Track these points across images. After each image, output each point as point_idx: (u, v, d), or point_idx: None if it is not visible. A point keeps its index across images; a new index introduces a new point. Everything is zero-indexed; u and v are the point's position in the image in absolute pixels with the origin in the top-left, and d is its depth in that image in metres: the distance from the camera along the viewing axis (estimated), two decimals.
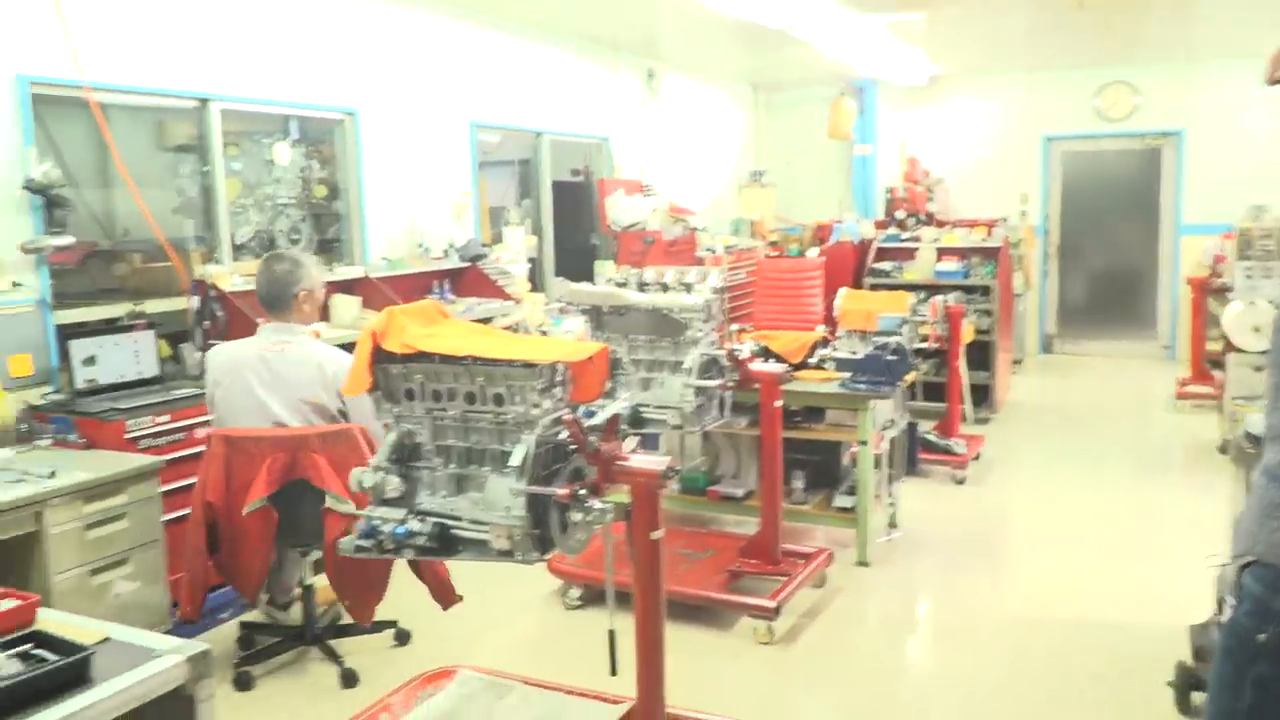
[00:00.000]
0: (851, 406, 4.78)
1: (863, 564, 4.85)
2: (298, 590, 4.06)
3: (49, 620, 1.79)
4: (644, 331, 4.30)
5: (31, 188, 4.10)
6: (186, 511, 4.06)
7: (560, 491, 2.61)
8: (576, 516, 2.68)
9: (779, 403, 4.36)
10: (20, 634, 1.67)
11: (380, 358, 2.86)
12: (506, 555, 2.73)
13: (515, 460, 2.68)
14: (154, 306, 4.85)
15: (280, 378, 3.69)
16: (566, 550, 2.77)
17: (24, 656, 1.59)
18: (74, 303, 4.56)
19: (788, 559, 4.48)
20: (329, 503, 3.57)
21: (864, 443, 4.72)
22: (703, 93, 10.36)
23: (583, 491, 2.63)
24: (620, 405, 2.90)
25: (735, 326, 7.41)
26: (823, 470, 5.24)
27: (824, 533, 5.22)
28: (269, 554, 3.70)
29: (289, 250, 4.28)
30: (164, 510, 3.86)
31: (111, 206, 4.95)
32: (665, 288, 4.48)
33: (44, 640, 1.63)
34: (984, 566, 4.92)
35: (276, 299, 3.79)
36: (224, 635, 4.09)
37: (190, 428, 4.17)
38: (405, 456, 2.91)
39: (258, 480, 3.57)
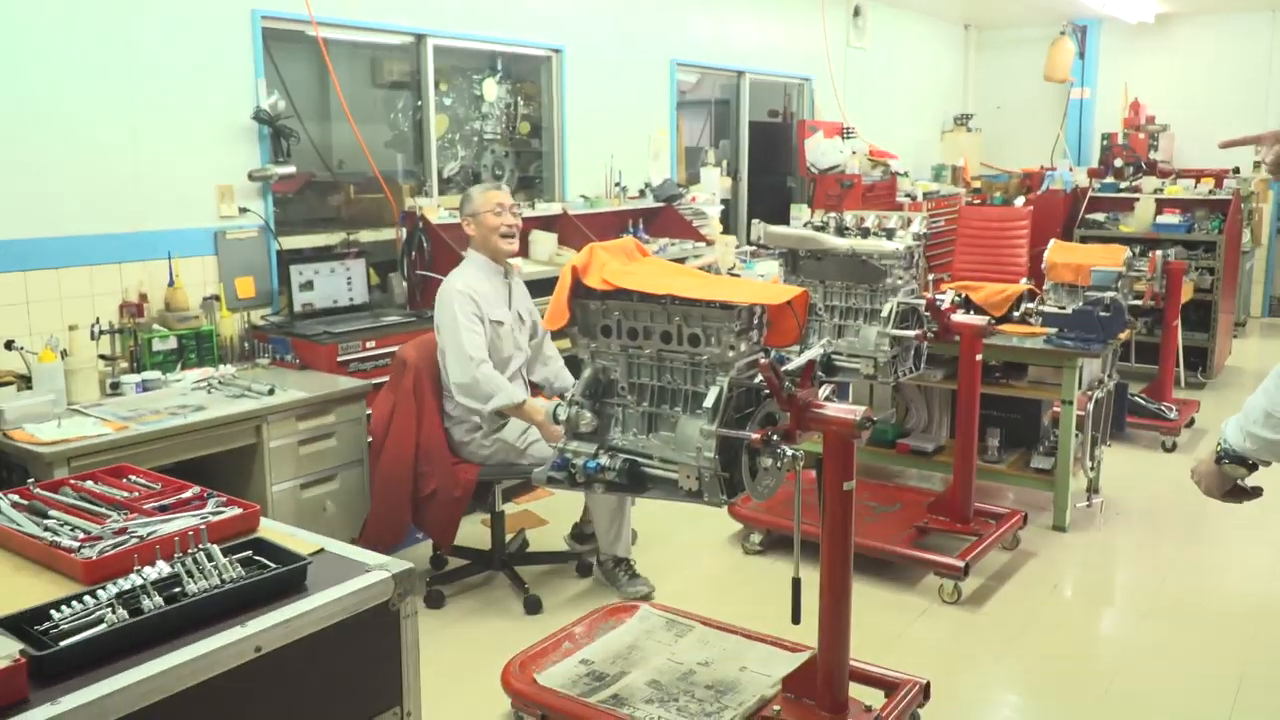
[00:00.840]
0: (1057, 364, 4.54)
1: (1059, 529, 4.64)
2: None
3: (270, 530, 1.90)
4: (841, 277, 4.20)
5: (260, 118, 4.33)
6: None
7: (753, 436, 2.59)
8: (767, 462, 2.66)
9: (979, 356, 4.18)
10: (243, 540, 1.78)
11: (580, 292, 2.89)
12: (695, 496, 2.75)
13: (709, 402, 2.67)
14: (366, 236, 5.09)
15: None
16: (755, 495, 2.76)
17: (246, 562, 1.70)
18: (293, 230, 4.82)
19: (979, 518, 4.33)
20: None
21: (1068, 402, 4.48)
22: (911, 31, 9.96)
23: (775, 437, 2.61)
24: (816, 351, 2.86)
25: (934, 277, 7.16)
26: (1021, 429, 5.02)
27: (1019, 494, 5.02)
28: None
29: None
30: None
31: (329, 138, 5.18)
32: (866, 233, 4.35)
33: (264, 548, 1.74)
34: (1190, 541, 4.62)
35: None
36: (418, 555, 4.29)
37: (395, 354, 4.35)
38: (599, 392, 2.95)
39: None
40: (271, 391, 3.69)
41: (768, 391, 2.70)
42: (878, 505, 4.53)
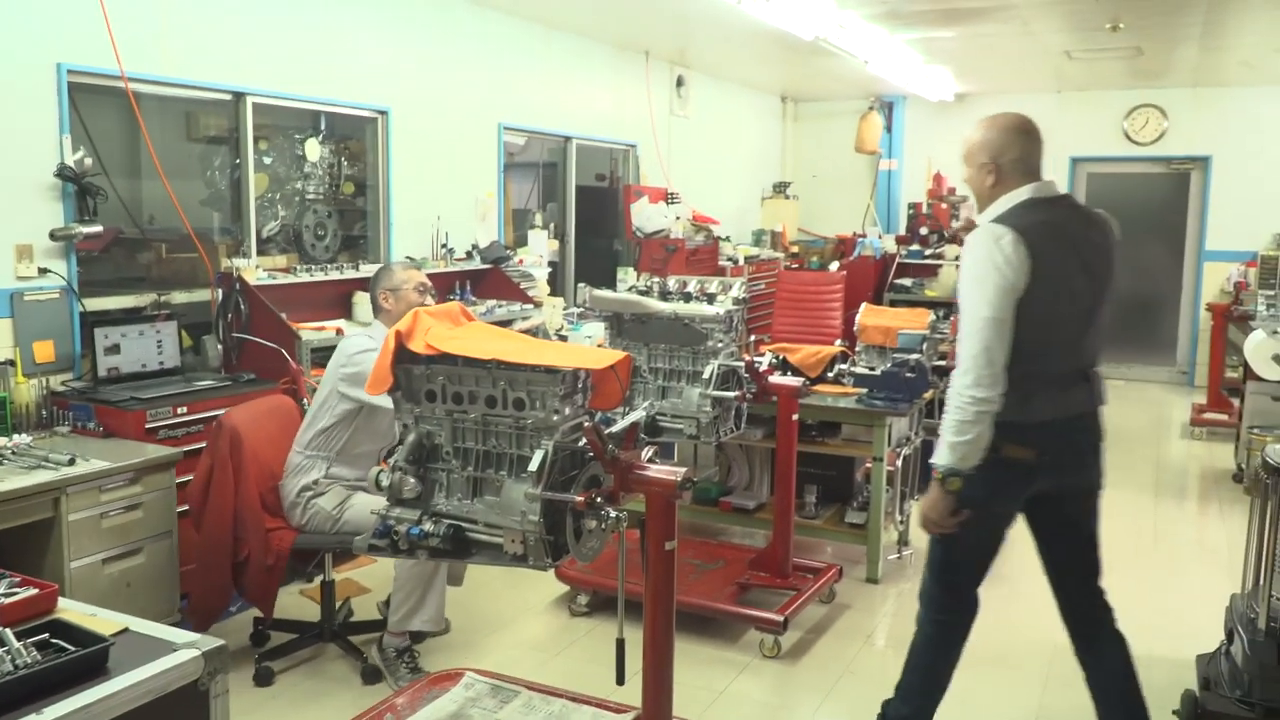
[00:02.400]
0: (868, 422, 4.78)
1: (872, 580, 4.84)
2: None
3: (69, 611, 1.81)
4: (664, 340, 4.32)
5: (64, 175, 4.14)
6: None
7: (577, 499, 2.63)
8: (591, 524, 2.70)
9: (795, 416, 4.36)
10: (39, 623, 1.69)
11: (403, 357, 2.88)
12: (520, 560, 2.75)
13: (533, 465, 2.69)
14: (179, 297, 4.90)
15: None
16: (580, 557, 2.79)
17: (43, 645, 1.62)
18: (99, 291, 4.61)
19: (797, 573, 4.48)
20: None
21: (879, 459, 4.71)
22: (731, 101, 10.37)
23: (598, 499, 2.65)
24: (639, 414, 2.92)
25: (754, 338, 7.42)
26: (836, 485, 5.24)
27: (835, 548, 5.22)
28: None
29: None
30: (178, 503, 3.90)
31: (140, 195, 4.99)
32: (688, 297, 4.49)
33: (63, 630, 1.66)
34: (994, 589, 4.87)
35: (372, 299, 3.97)
36: (238, 627, 4.12)
37: (209, 420, 4.19)
38: (423, 457, 2.94)
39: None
40: (72, 461, 3.50)
41: (592, 454, 2.75)
42: (701, 563, 4.62)
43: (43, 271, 4.17)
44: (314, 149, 5.70)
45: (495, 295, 6.30)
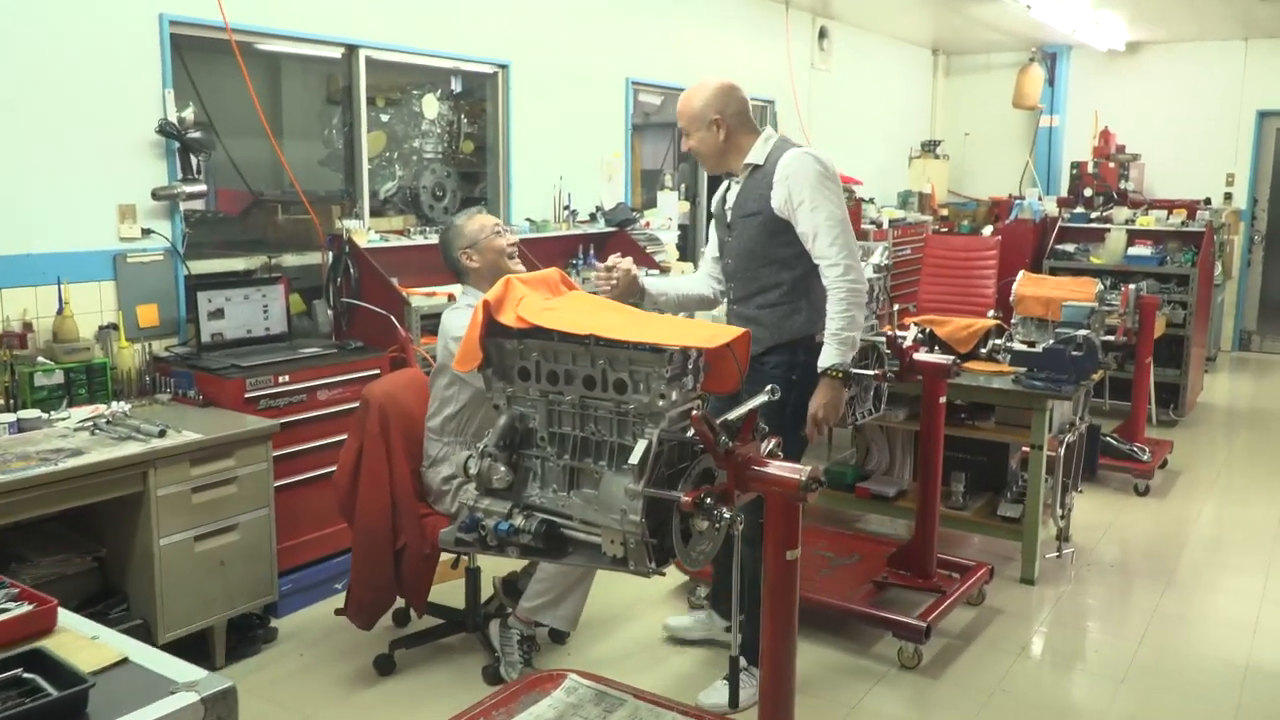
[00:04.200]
0: (1026, 405, 4.25)
1: (1027, 581, 4.34)
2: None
3: (69, 631, 1.54)
4: None
5: (166, 131, 3.98)
6: (302, 478, 3.95)
7: (683, 498, 2.26)
8: (702, 524, 2.33)
9: (944, 399, 3.88)
10: (19, 651, 1.42)
11: (495, 330, 2.56)
12: (620, 564, 2.42)
13: (635, 458, 2.34)
14: (292, 260, 4.73)
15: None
16: (688, 563, 2.43)
17: (14, 683, 1.34)
18: (208, 253, 4.47)
19: (942, 572, 4.02)
20: None
21: (1038, 447, 4.19)
22: (878, 54, 9.73)
23: (708, 500, 2.28)
24: (761, 398, 2.52)
25: (897, 308, 6.89)
26: (987, 473, 4.72)
27: (984, 543, 4.72)
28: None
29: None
30: (277, 476, 3.70)
31: (253, 156, 4.83)
32: None
33: (41, 663, 1.38)
34: (1167, 592, 4.33)
35: (449, 266, 3.57)
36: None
37: (314, 389, 4.00)
38: (516, 443, 2.62)
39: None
40: (162, 433, 3.32)
41: (703, 446, 2.38)
42: (834, 556, 4.21)
43: (146, 233, 4.02)
44: (432, 105, 5.45)
45: None
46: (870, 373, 3.74)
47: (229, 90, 4.49)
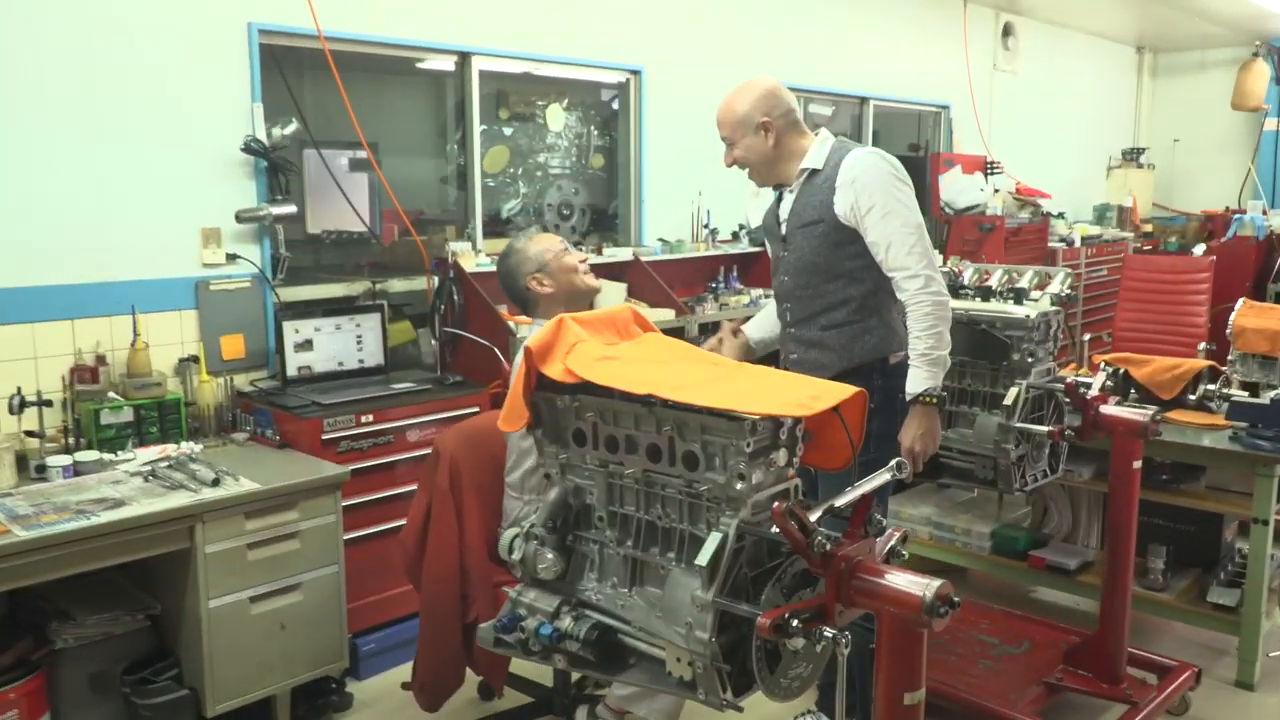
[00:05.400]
0: (1247, 469, 3.44)
1: (1244, 686, 3.51)
2: None
3: None
4: (954, 350, 3.25)
5: (252, 149, 3.68)
6: (387, 527, 3.56)
7: (761, 620, 1.69)
8: (795, 644, 1.76)
9: (1138, 462, 3.13)
10: None
11: (545, 382, 2.07)
12: (687, 688, 1.87)
13: (703, 557, 1.80)
14: (399, 286, 4.39)
15: None
16: (776, 693, 1.86)
17: None
18: (312, 277, 4.17)
19: (1133, 673, 3.26)
20: None
21: (1263, 521, 3.37)
22: (1072, 52, 8.79)
23: (796, 623, 1.70)
24: (879, 479, 1.92)
25: (1087, 337, 6.03)
26: (1194, 546, 3.88)
27: (1190, 634, 3.88)
28: None
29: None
30: (359, 524, 3.33)
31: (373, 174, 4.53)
32: (987, 292, 3.40)
33: None
34: None
35: (515, 298, 3.09)
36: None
37: (402, 430, 3.62)
38: (570, 522, 2.11)
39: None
40: (216, 482, 2.97)
41: (791, 549, 1.80)
42: (998, 643, 3.51)
43: (232, 258, 3.73)
44: (557, 116, 5.03)
45: (765, 283, 5.37)
46: (1044, 429, 3.06)
47: (337, 104, 4.19)
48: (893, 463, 1.99)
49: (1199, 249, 7.23)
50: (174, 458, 3.21)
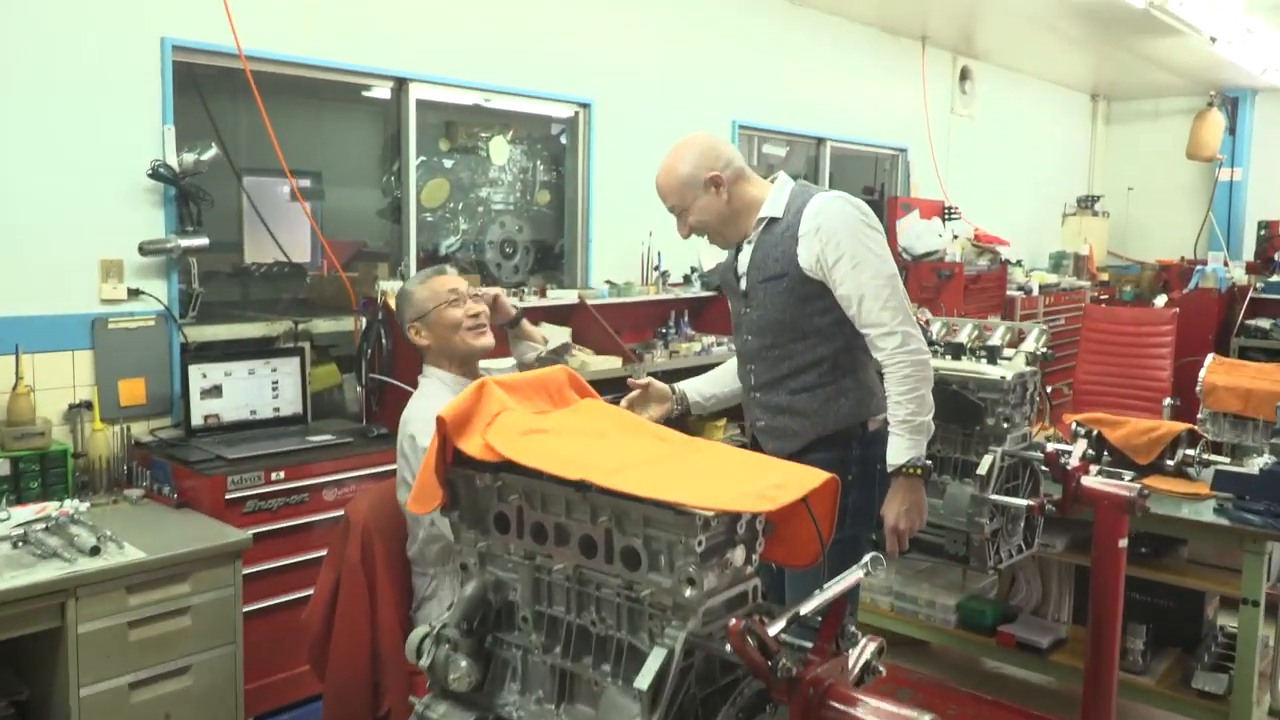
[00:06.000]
0: (1234, 544, 3.20)
1: None
2: None
3: None
4: None
5: (160, 175, 3.34)
6: (295, 596, 3.21)
7: None
8: None
9: (1124, 541, 2.87)
10: None
11: (462, 457, 1.75)
12: None
13: (642, 680, 1.49)
14: (325, 326, 4.05)
15: None
16: None
17: None
18: (223, 316, 3.82)
19: None
20: None
21: (1252, 602, 3.13)
22: (1028, 98, 8.72)
23: None
24: (849, 579, 1.63)
25: (1050, 388, 5.83)
26: (1173, 623, 3.63)
27: None
28: None
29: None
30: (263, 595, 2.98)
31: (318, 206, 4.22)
32: (958, 349, 3.15)
33: None
34: None
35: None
36: None
37: (318, 488, 3.27)
38: (488, 623, 1.79)
39: None
40: (95, 550, 2.61)
41: (748, 669, 1.50)
42: None
43: (134, 293, 3.38)
44: (501, 149, 4.74)
45: (718, 330, 5.10)
46: (1022, 502, 2.80)
47: (238, 125, 3.88)
48: (866, 558, 1.69)
49: (1160, 300, 7.11)
50: (54, 519, 2.82)
